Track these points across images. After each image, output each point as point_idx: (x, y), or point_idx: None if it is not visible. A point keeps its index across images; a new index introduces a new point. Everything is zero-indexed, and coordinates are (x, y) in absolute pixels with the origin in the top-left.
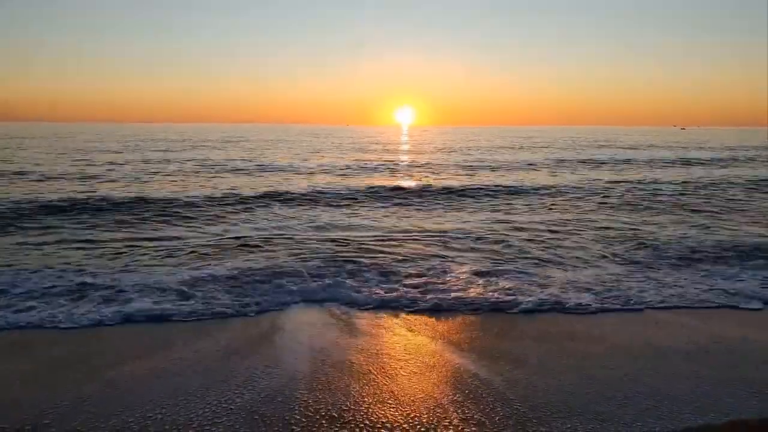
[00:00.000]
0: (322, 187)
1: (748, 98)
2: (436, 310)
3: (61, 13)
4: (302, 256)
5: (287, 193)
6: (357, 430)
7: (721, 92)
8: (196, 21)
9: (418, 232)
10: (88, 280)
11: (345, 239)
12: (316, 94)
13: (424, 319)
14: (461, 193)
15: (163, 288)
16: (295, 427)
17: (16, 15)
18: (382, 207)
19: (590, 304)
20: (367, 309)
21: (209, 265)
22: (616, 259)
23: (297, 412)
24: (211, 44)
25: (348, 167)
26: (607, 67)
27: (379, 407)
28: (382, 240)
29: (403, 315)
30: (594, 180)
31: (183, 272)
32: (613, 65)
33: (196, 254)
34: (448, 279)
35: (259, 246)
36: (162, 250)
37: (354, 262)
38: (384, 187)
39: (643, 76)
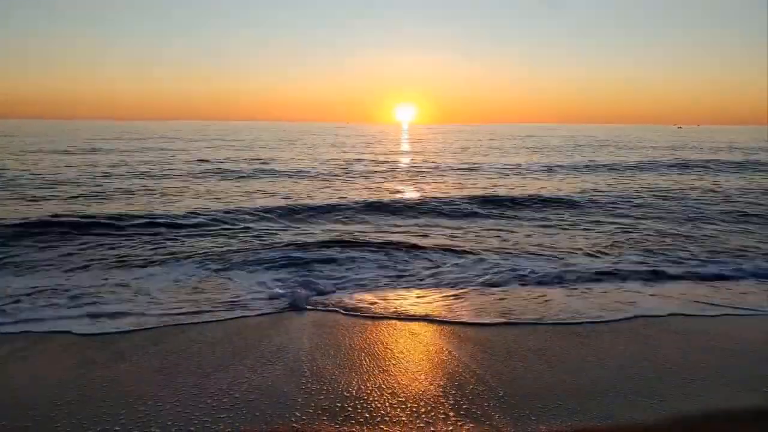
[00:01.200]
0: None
1: (747, 97)
2: (436, 313)
3: (47, 10)
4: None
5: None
6: (357, 425)
7: (720, 91)
8: (189, 15)
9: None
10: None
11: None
12: (314, 92)
13: (426, 319)
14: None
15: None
16: (295, 425)
17: (11, 9)
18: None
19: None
20: (367, 308)
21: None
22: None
23: (297, 408)
24: (205, 39)
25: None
26: (606, 66)
27: (378, 403)
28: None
29: (404, 317)
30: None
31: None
32: (613, 64)
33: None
34: (457, 285)
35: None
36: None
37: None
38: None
39: (641, 75)
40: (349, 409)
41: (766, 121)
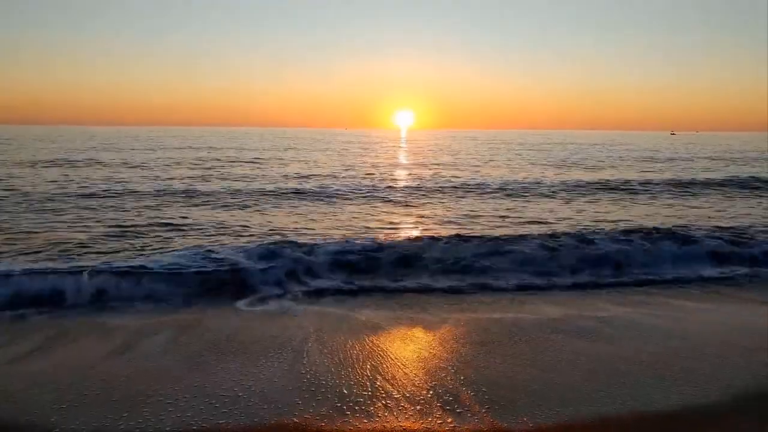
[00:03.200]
0: None
1: (745, 102)
2: (435, 313)
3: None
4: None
5: None
6: (356, 424)
7: (720, 96)
8: (180, 18)
9: None
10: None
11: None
12: (312, 97)
13: (425, 319)
14: None
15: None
16: (295, 422)
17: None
18: None
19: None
20: (369, 308)
21: None
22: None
23: (296, 413)
24: (198, 41)
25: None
26: (605, 69)
27: (375, 402)
28: None
29: (404, 316)
30: None
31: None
32: (611, 65)
33: None
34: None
35: None
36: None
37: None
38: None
39: (640, 79)
40: (347, 408)
41: (766, 127)
